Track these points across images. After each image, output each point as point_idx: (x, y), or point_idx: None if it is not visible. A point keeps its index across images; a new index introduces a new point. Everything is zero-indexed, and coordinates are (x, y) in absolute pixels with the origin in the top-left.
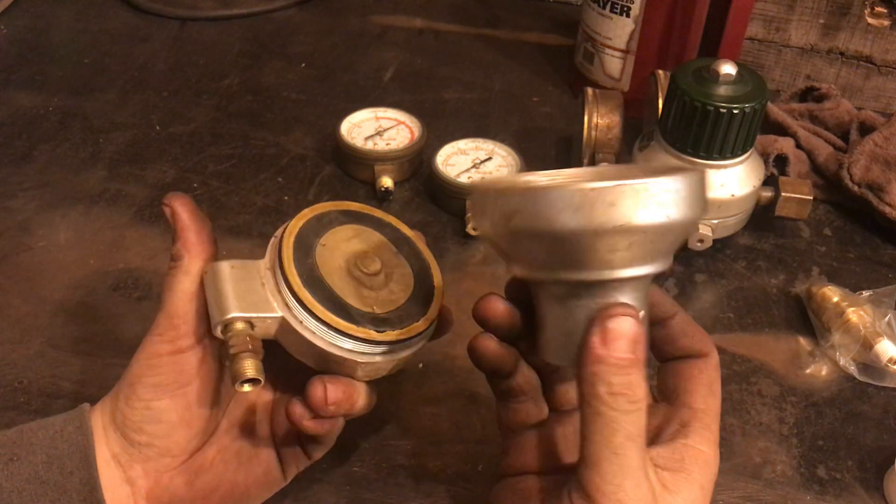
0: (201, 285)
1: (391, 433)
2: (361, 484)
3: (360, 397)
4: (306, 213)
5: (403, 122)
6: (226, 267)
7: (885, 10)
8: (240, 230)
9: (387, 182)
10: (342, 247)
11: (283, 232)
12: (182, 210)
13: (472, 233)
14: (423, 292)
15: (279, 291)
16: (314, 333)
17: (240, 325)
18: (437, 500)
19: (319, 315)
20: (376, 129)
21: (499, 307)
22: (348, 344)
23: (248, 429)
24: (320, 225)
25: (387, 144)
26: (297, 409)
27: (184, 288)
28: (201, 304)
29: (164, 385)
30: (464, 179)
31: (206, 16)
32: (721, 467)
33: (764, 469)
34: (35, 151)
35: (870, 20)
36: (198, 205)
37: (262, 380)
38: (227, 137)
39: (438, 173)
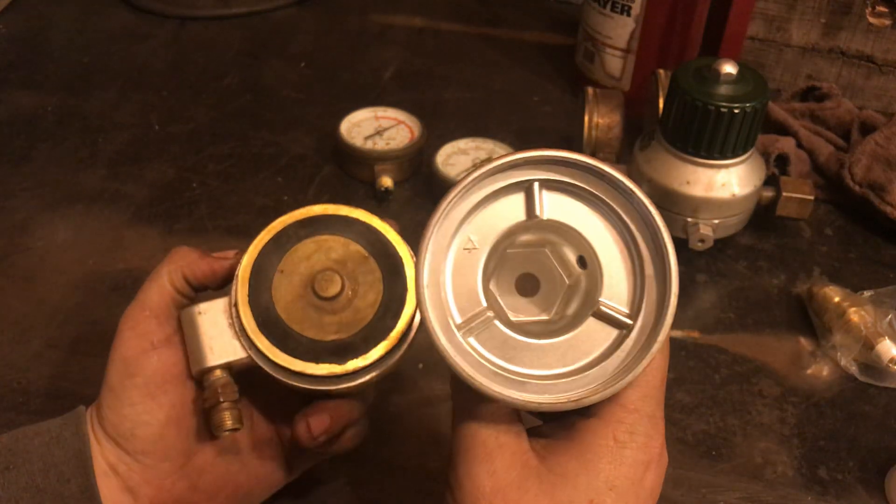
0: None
1: (391, 433)
2: (361, 484)
3: (354, 408)
4: (263, 237)
5: (403, 122)
6: (195, 313)
7: (887, 10)
8: (239, 230)
9: (387, 181)
10: (301, 268)
11: (239, 268)
12: (240, 254)
13: None
14: (394, 297)
15: (241, 333)
16: (279, 373)
17: (216, 374)
18: (437, 499)
19: (277, 361)
20: (376, 128)
21: None
22: (313, 380)
23: (247, 429)
24: (277, 247)
25: (386, 144)
26: (302, 428)
27: (164, 283)
28: (173, 305)
29: (143, 385)
30: None
31: (206, 15)
32: (722, 468)
33: (765, 470)
34: (34, 151)
35: (871, 20)
36: (198, 208)
37: (241, 426)
38: (227, 137)
39: (438, 173)
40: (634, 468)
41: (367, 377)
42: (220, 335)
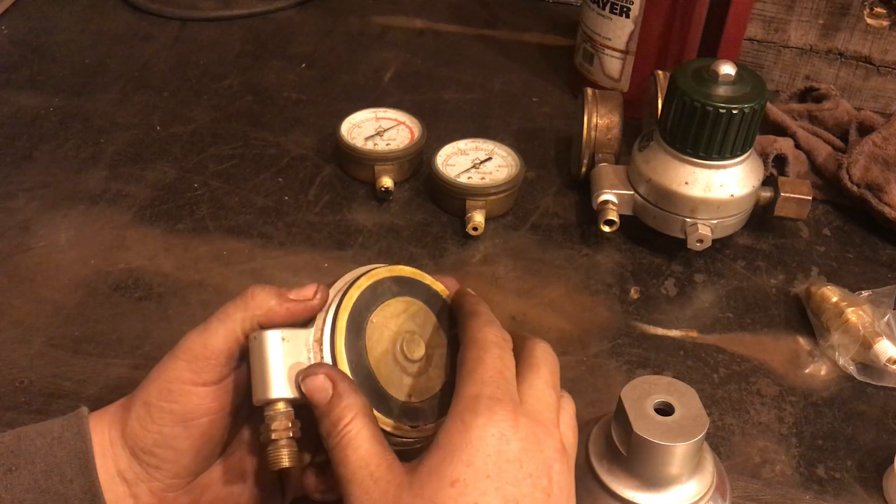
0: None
1: None
2: None
3: None
4: (362, 283)
5: (403, 123)
6: (275, 338)
7: (885, 11)
8: (240, 230)
9: (387, 182)
10: (391, 324)
11: (339, 306)
12: (321, 295)
13: (473, 233)
14: (455, 372)
15: None
16: None
17: (281, 406)
18: None
19: None
20: (376, 129)
21: None
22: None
23: (255, 450)
24: (374, 296)
25: (387, 145)
26: (311, 482)
27: (234, 330)
28: (237, 349)
29: (180, 413)
30: (464, 179)
31: (207, 16)
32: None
33: (763, 469)
34: (36, 152)
35: (869, 20)
36: (200, 208)
37: (297, 465)
38: (228, 138)
39: (438, 173)
40: (486, 442)
41: (426, 436)
42: (298, 367)
